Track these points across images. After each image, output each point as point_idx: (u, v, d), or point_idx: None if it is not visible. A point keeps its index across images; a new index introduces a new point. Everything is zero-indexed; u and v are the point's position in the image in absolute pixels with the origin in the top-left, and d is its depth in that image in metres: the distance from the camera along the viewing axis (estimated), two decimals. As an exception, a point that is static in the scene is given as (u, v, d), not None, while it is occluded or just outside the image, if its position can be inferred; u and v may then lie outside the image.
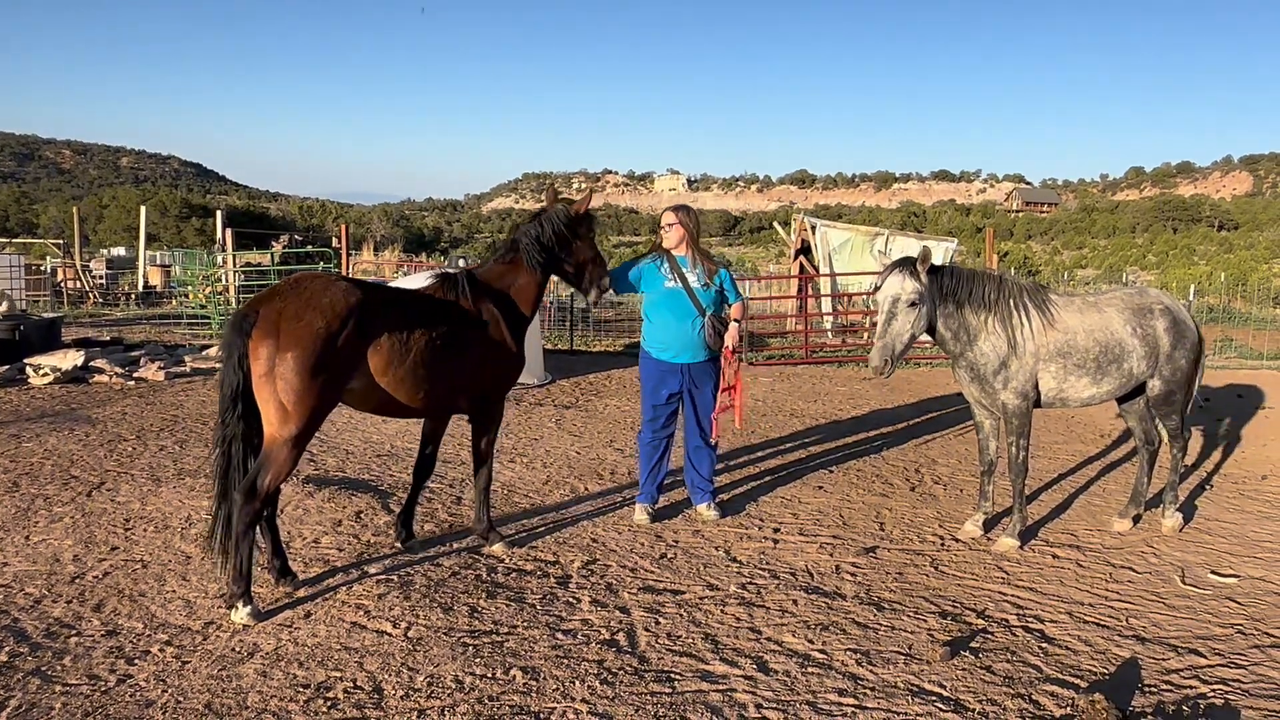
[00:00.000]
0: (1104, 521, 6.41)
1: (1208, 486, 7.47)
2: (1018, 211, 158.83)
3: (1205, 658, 4.29)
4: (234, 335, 4.42)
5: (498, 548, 5.50)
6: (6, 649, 4.07)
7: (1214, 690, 3.96)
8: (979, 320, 5.69)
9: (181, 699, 3.68)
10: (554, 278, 5.78)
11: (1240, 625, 4.68)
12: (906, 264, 5.52)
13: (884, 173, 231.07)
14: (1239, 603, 4.98)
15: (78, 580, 4.88)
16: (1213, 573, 5.43)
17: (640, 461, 6.31)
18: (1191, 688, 3.99)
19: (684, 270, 6.07)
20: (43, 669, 3.91)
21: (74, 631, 4.27)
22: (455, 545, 5.60)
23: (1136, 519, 6.34)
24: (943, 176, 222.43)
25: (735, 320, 6.14)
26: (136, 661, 3.99)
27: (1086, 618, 4.74)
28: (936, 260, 5.66)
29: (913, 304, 5.45)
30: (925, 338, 5.99)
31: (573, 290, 5.92)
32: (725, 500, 6.69)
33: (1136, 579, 5.33)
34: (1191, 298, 22.32)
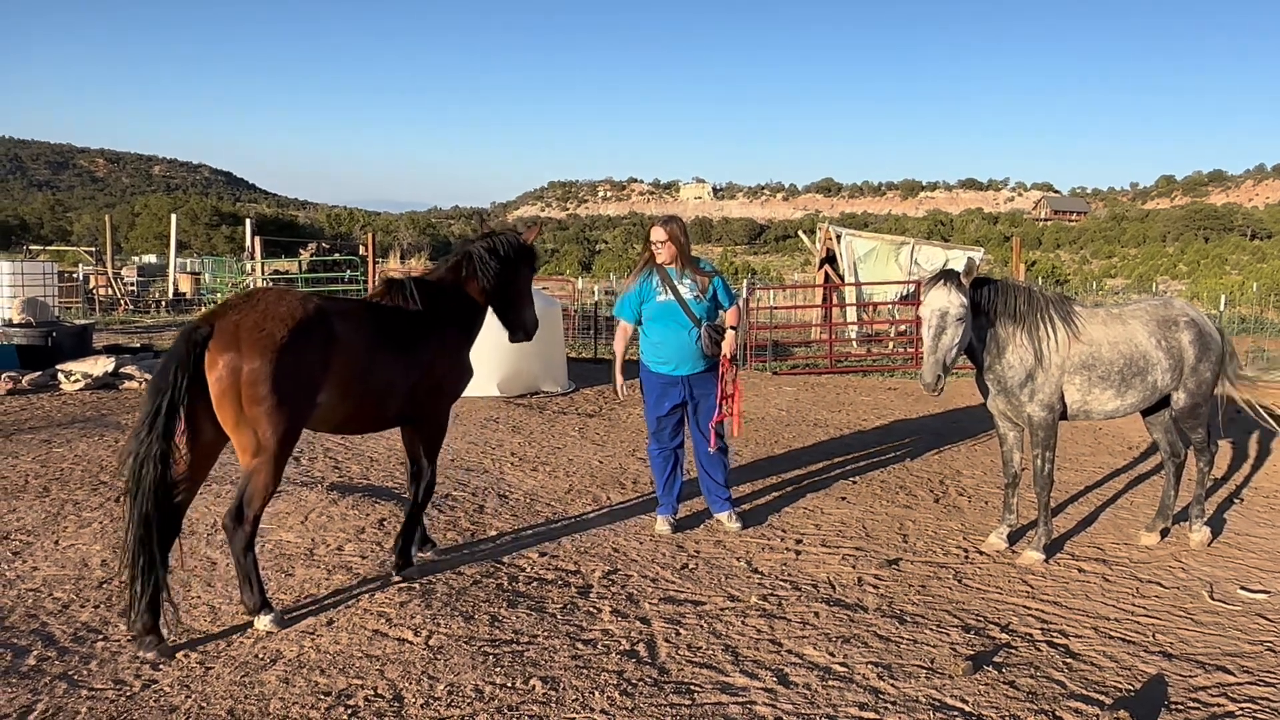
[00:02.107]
0: (1131, 535, 6.34)
1: (1237, 500, 7.37)
2: (1046, 220, 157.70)
3: (1234, 675, 4.22)
4: (183, 346, 4.14)
5: (400, 577, 5.11)
6: (35, 653, 4.13)
7: (1242, 709, 3.91)
8: (1007, 332, 5.65)
9: (205, 704, 3.72)
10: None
11: (1270, 642, 4.60)
12: (951, 277, 5.44)
13: (910, 181, 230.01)
14: (1269, 619, 4.91)
15: (105, 585, 4.95)
16: (1242, 588, 5.35)
17: (654, 474, 6.31)
18: (1219, 705, 3.93)
19: (674, 282, 6.03)
20: (69, 673, 3.96)
21: (101, 636, 4.33)
22: (477, 553, 5.62)
23: (1164, 533, 6.27)
24: (970, 185, 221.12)
25: (731, 327, 6.10)
26: (161, 667, 4.04)
27: (1112, 633, 4.68)
28: (960, 269, 5.62)
29: (960, 318, 5.39)
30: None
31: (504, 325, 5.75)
32: (747, 510, 6.68)
33: (1164, 594, 5.27)
34: (1222, 308, 22.03)
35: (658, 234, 6.07)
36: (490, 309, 5.62)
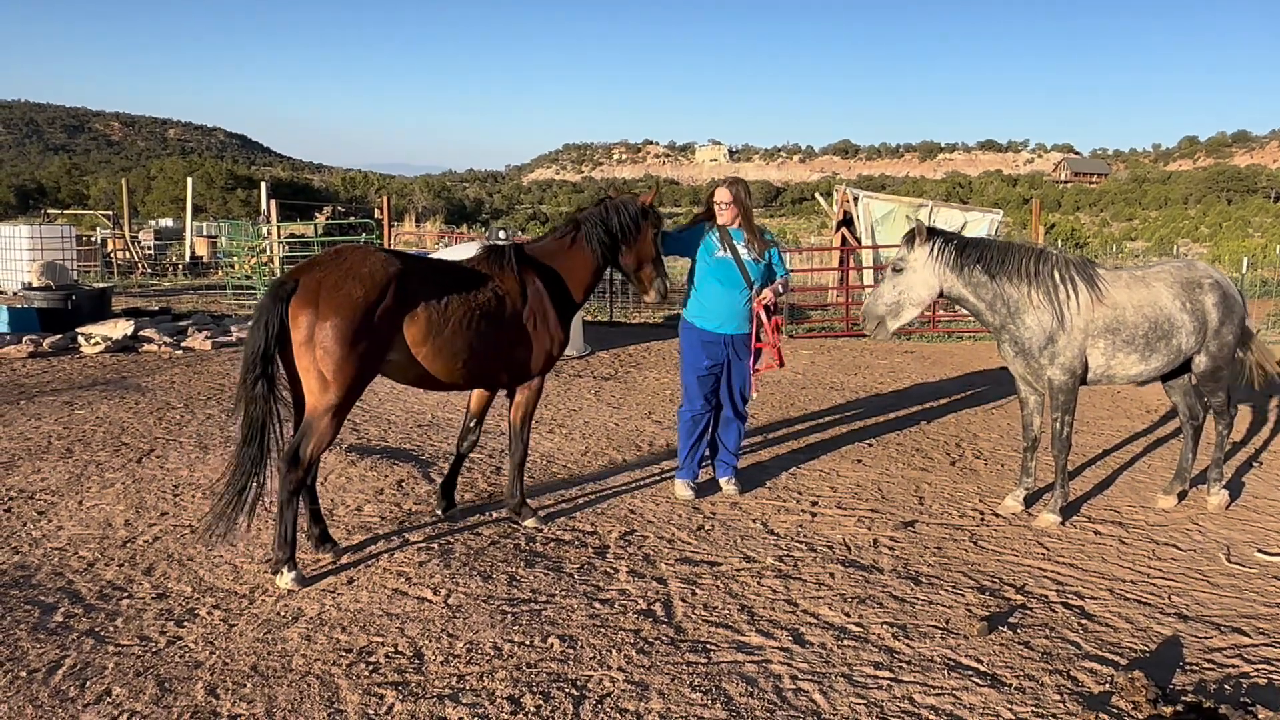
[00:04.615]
0: (1148, 498, 6.33)
1: (1255, 464, 7.34)
2: (1066, 182, 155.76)
3: (1249, 636, 4.23)
4: (270, 301, 4.46)
5: (530, 522, 5.51)
6: (62, 610, 4.20)
7: (1257, 669, 3.92)
8: (1020, 293, 5.61)
9: (228, 660, 3.78)
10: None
11: (1286, 605, 4.60)
12: (908, 235, 5.72)
13: (929, 143, 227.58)
14: (1286, 582, 4.90)
15: (129, 544, 5.02)
16: (1259, 551, 5.34)
17: (680, 437, 6.29)
18: (1234, 666, 3.94)
19: (735, 243, 6.03)
20: (96, 630, 4.03)
21: (125, 594, 4.40)
22: (495, 514, 5.66)
23: (1182, 495, 6.25)
24: (989, 146, 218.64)
25: (776, 289, 6.11)
26: (185, 624, 4.10)
27: (1128, 595, 4.69)
28: (981, 232, 5.62)
29: (896, 270, 5.69)
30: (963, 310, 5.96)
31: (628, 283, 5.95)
32: (762, 473, 6.70)
33: (1180, 556, 5.27)
34: (1245, 271, 21.78)
35: (722, 194, 6.04)
36: (617, 270, 5.81)
